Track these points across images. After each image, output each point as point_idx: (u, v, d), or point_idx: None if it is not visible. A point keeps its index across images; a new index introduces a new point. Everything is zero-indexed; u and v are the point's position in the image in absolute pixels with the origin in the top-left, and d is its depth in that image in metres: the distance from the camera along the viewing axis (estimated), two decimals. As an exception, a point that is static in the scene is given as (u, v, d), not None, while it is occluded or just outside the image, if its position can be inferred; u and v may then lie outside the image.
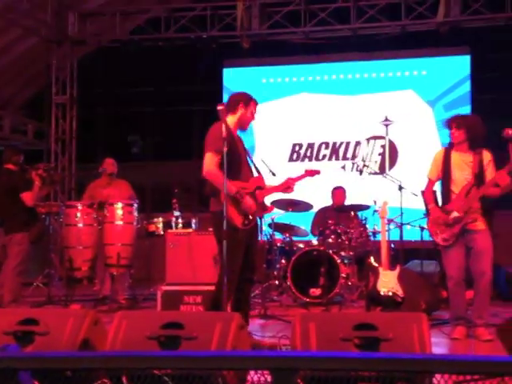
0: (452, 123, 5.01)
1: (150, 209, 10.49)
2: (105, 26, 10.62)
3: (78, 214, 6.85)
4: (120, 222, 6.78)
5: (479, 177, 4.93)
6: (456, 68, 9.87)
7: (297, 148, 10.22)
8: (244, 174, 4.61)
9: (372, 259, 6.40)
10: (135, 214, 6.91)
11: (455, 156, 5.03)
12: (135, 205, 6.95)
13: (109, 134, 12.21)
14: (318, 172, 5.00)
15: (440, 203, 5.12)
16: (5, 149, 6.87)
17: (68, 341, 3.17)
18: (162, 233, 6.97)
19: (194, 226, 6.99)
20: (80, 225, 6.84)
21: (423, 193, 5.31)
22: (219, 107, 4.31)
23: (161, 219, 7.12)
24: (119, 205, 6.82)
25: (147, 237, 7.36)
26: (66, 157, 10.55)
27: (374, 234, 7.31)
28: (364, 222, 7.44)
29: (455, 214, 4.93)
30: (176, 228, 6.89)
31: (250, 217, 4.54)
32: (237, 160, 4.51)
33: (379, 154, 9.90)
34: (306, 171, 4.99)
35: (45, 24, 10.18)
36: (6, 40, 10.36)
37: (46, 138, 11.00)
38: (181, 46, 10.36)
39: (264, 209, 4.86)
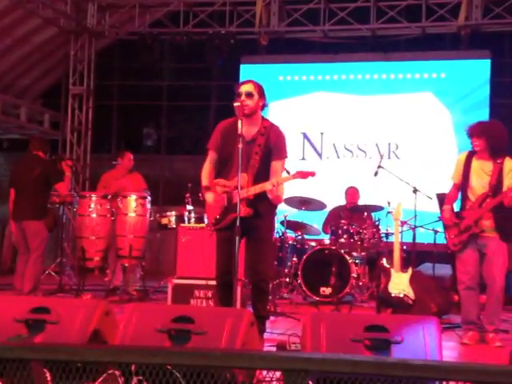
0: (473, 131, 4.93)
1: (162, 202, 10.53)
2: (123, 18, 10.65)
3: (92, 205, 6.88)
4: (133, 214, 6.81)
5: (496, 187, 4.85)
6: (476, 72, 9.77)
7: (310, 146, 10.21)
8: (233, 173, 4.29)
9: (384, 260, 6.38)
10: (148, 206, 6.95)
11: (476, 163, 4.96)
12: (148, 197, 6.98)
13: (124, 126, 12.25)
14: (311, 174, 4.30)
15: (458, 208, 5.09)
16: (34, 137, 7.13)
17: (79, 331, 3.15)
18: (174, 226, 6.98)
19: (206, 220, 6.98)
20: (93, 215, 6.88)
21: (438, 195, 5.26)
22: (236, 103, 4.27)
23: (173, 213, 7.12)
24: (133, 197, 6.85)
25: (159, 230, 7.38)
26: (82, 147, 10.60)
27: (387, 235, 7.29)
28: (377, 222, 7.42)
29: (466, 222, 4.91)
30: (189, 222, 6.90)
31: (218, 216, 4.34)
32: (228, 157, 4.36)
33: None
34: (298, 172, 4.33)
35: (64, 15, 10.22)
36: (25, 30, 10.39)
37: (61, 128, 11.05)
38: (199, 41, 10.36)
39: (235, 210, 4.14)
